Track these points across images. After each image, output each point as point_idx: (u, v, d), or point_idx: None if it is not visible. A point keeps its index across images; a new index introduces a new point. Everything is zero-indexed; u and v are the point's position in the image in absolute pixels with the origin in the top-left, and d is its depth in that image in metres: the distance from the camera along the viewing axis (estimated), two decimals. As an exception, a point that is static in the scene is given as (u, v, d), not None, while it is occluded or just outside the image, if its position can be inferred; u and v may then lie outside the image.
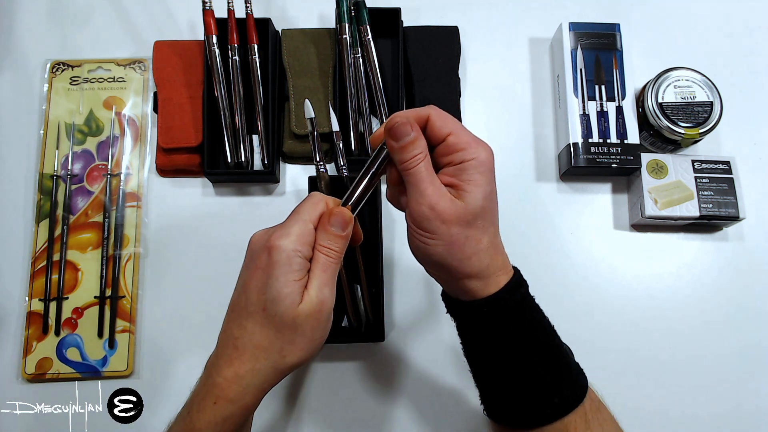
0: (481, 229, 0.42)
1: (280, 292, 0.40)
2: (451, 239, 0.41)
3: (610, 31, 0.65)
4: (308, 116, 0.54)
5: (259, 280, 0.41)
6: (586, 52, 0.65)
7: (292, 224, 0.42)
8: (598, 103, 0.63)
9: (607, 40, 0.65)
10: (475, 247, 0.42)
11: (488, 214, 0.42)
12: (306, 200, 0.44)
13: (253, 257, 0.42)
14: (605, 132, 0.63)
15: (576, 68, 0.64)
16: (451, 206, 0.41)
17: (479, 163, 0.41)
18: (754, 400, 0.61)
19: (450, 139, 0.42)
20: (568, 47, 0.65)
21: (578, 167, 0.62)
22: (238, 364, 0.41)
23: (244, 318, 0.42)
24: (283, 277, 0.40)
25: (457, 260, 0.42)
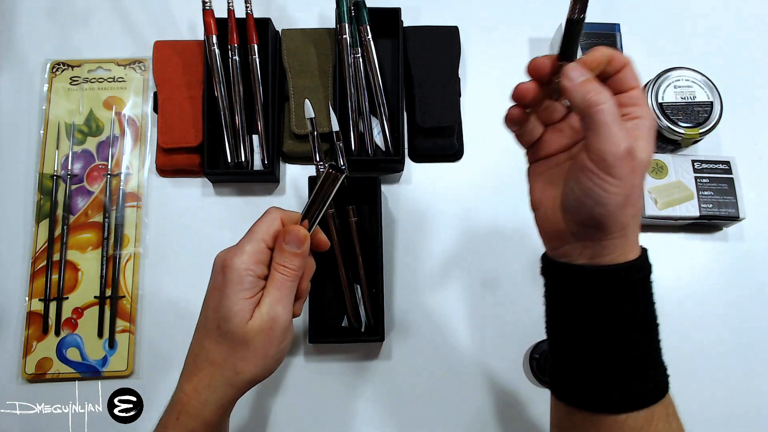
0: (640, 187, 0.40)
1: (230, 310, 0.42)
2: (632, 188, 0.38)
3: (610, 31, 0.65)
4: (308, 116, 0.54)
5: (215, 299, 0.43)
6: (586, 52, 0.65)
7: (245, 243, 0.43)
8: None
9: (607, 40, 0.65)
10: (638, 203, 0.40)
11: (644, 174, 0.40)
12: (262, 218, 0.45)
13: (213, 276, 0.44)
14: None
15: None
16: (642, 154, 0.39)
17: (649, 120, 0.40)
18: (754, 399, 0.61)
19: (633, 92, 0.41)
20: None
21: None
22: (197, 380, 0.43)
23: (203, 336, 0.43)
24: (234, 296, 0.42)
25: (624, 214, 0.39)
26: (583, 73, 0.40)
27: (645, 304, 0.42)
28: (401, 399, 0.61)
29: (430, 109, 0.64)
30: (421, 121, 0.64)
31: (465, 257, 0.64)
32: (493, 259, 0.64)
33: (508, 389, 0.61)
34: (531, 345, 0.61)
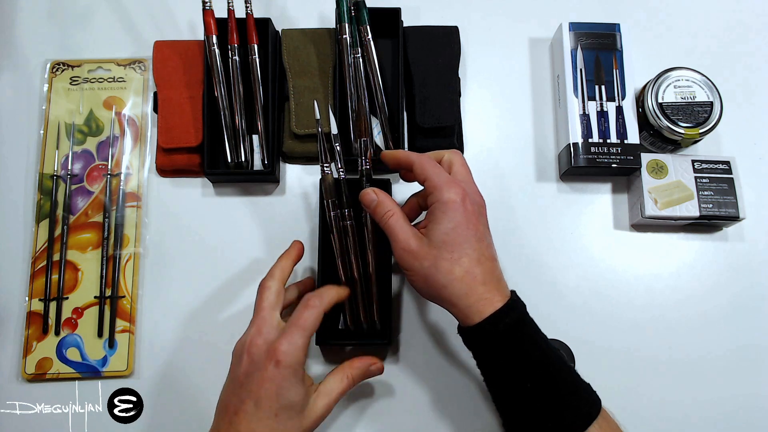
0: (449, 260, 0.48)
1: (300, 401, 0.48)
2: (424, 272, 0.48)
3: (610, 31, 0.65)
4: (316, 117, 0.55)
5: (270, 388, 0.47)
6: (586, 52, 0.65)
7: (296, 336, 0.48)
8: (598, 103, 0.63)
9: (607, 40, 0.65)
10: (447, 278, 0.47)
11: (455, 247, 0.48)
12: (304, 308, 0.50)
13: (258, 366, 0.48)
14: (605, 132, 0.63)
15: (576, 68, 0.64)
16: (418, 243, 0.49)
17: (442, 203, 0.48)
18: (753, 399, 0.61)
19: (426, 184, 0.51)
20: (568, 47, 0.65)
21: (578, 167, 0.62)
22: None
23: (255, 422, 0.47)
24: (295, 387, 0.48)
25: (434, 290, 0.48)
26: (373, 198, 0.52)
27: (518, 351, 0.47)
28: (407, 404, 0.61)
29: (430, 109, 0.64)
30: (421, 121, 0.64)
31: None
32: (493, 259, 0.64)
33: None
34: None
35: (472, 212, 0.49)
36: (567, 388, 0.47)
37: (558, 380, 0.47)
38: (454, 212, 0.48)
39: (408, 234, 0.49)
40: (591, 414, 0.46)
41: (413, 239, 0.49)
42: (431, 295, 0.49)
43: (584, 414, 0.46)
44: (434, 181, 0.50)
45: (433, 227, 0.49)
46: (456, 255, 0.48)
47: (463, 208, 0.48)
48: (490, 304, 0.47)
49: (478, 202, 0.51)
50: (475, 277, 0.47)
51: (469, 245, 0.48)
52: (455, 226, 0.48)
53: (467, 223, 0.48)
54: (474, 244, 0.48)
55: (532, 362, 0.47)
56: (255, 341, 0.48)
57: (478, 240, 0.49)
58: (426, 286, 0.49)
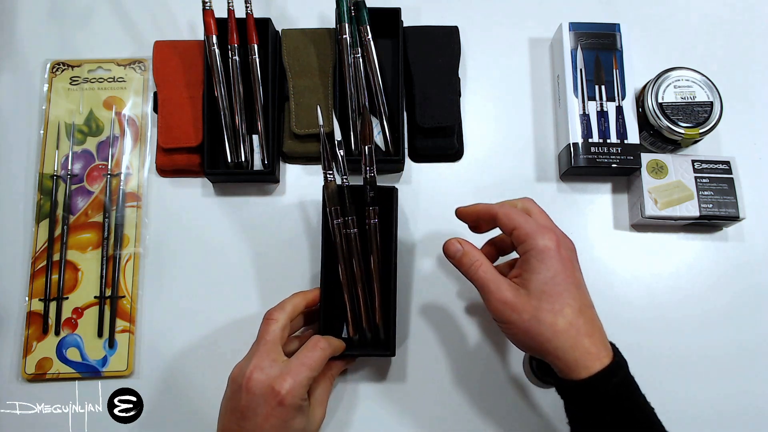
0: (552, 312, 0.45)
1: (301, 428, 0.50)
2: (525, 325, 0.46)
3: (610, 31, 0.65)
4: (318, 123, 0.54)
5: (275, 423, 0.48)
6: (586, 52, 0.65)
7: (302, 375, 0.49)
8: (598, 103, 0.63)
9: (607, 40, 0.65)
10: (550, 330, 0.45)
11: (556, 297, 0.46)
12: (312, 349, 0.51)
13: (260, 402, 0.48)
14: (605, 132, 0.63)
15: (576, 68, 0.64)
16: (515, 294, 0.47)
17: (538, 251, 0.47)
18: (753, 399, 0.61)
19: (514, 233, 0.48)
20: (568, 47, 0.65)
21: (578, 167, 0.62)
22: None
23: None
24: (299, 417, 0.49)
25: (536, 343, 0.46)
26: (458, 249, 0.51)
27: (625, 412, 0.45)
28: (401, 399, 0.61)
29: (430, 109, 0.64)
30: (421, 121, 0.64)
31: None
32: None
33: (508, 389, 0.61)
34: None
35: (568, 258, 0.47)
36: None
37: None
38: (551, 260, 0.46)
39: (502, 285, 0.47)
40: None
41: (509, 290, 0.47)
42: (531, 347, 0.47)
43: None
44: (525, 228, 0.47)
45: (530, 277, 0.47)
46: (558, 306, 0.46)
47: (559, 255, 0.47)
48: (597, 360, 0.45)
49: (570, 247, 0.49)
50: (579, 329, 0.45)
51: (570, 294, 0.46)
52: (554, 275, 0.46)
53: (565, 270, 0.46)
54: (574, 293, 0.46)
55: (637, 426, 0.45)
56: (255, 376, 0.48)
57: (577, 287, 0.47)
58: (527, 338, 0.46)
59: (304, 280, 0.63)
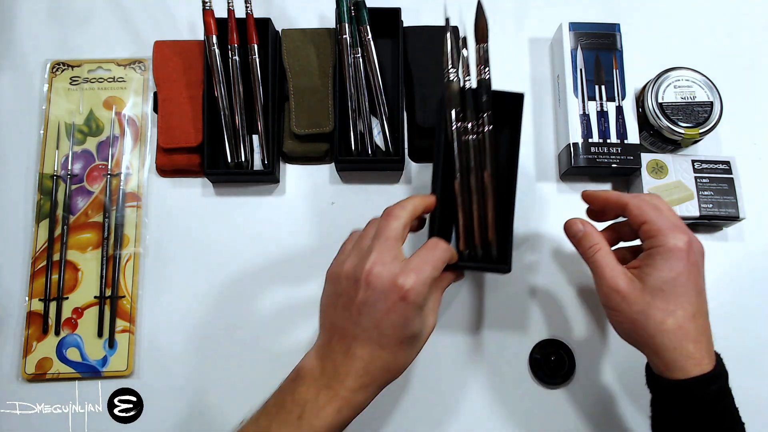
0: (663, 311, 0.46)
1: (420, 329, 0.47)
2: (632, 317, 0.47)
3: (610, 31, 0.65)
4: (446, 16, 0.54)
5: (396, 320, 0.45)
6: (586, 52, 0.65)
7: (426, 274, 0.46)
8: (598, 103, 0.63)
9: (607, 40, 0.65)
10: (657, 328, 0.46)
11: (672, 298, 0.46)
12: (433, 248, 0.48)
13: (380, 297, 0.45)
14: (605, 132, 0.63)
15: (576, 68, 0.64)
16: (628, 285, 0.47)
17: (666, 250, 0.47)
18: (753, 399, 0.61)
19: (644, 227, 0.48)
20: (568, 47, 0.65)
21: (578, 167, 0.62)
22: (368, 381, 0.46)
23: (378, 349, 0.46)
24: (419, 318, 0.47)
25: (639, 336, 0.47)
26: (579, 229, 0.51)
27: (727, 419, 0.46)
28: (401, 399, 0.61)
29: (430, 109, 0.64)
30: (421, 121, 0.64)
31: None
32: (493, 259, 0.64)
33: (508, 389, 0.61)
34: (531, 345, 0.61)
35: (694, 263, 0.47)
36: None
37: None
38: (677, 261, 0.46)
39: (617, 272, 0.48)
40: None
41: (623, 279, 0.47)
42: (633, 339, 0.48)
43: None
44: (657, 224, 0.47)
45: (650, 272, 0.47)
46: (671, 307, 0.46)
47: (687, 259, 0.46)
48: (697, 365, 0.45)
49: (700, 251, 0.48)
50: (687, 333, 0.46)
51: (687, 299, 0.46)
52: (676, 276, 0.46)
53: (689, 274, 0.46)
54: (693, 298, 0.47)
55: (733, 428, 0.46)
56: (377, 270, 0.45)
57: (697, 294, 0.47)
58: (631, 330, 0.47)
59: (305, 280, 0.63)
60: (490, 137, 0.53)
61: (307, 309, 0.62)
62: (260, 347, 0.61)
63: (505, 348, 0.62)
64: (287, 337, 0.55)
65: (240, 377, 0.56)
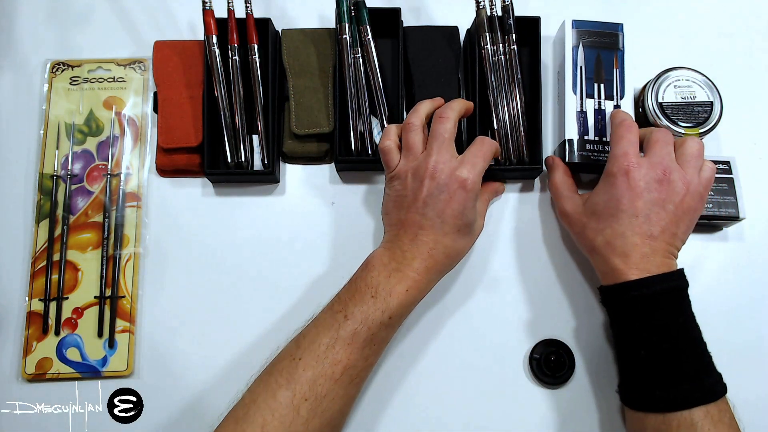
0: (594, 230, 0.55)
1: (474, 218, 0.55)
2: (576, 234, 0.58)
3: (613, 31, 0.65)
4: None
5: (456, 207, 0.53)
6: (588, 50, 0.65)
7: (479, 166, 0.54)
8: (596, 101, 0.63)
9: (610, 39, 0.65)
10: (590, 244, 0.55)
11: (602, 218, 0.54)
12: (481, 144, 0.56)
13: (443, 189, 0.53)
14: (602, 130, 0.63)
15: (576, 65, 0.64)
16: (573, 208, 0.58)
17: (605, 175, 0.55)
18: (753, 399, 0.61)
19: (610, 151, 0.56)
20: (570, 44, 0.65)
21: (573, 163, 0.62)
22: (432, 264, 0.54)
23: (441, 236, 0.54)
24: (473, 208, 0.54)
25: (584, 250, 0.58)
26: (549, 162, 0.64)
27: (656, 316, 0.51)
28: (400, 399, 0.61)
29: (430, 109, 0.64)
30: (421, 121, 0.64)
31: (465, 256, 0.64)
32: (493, 258, 0.64)
33: (508, 389, 0.61)
34: (531, 345, 0.61)
35: (636, 188, 0.52)
36: (706, 360, 0.52)
37: (705, 351, 0.52)
38: (611, 186, 0.53)
39: (565, 197, 0.59)
40: (719, 390, 0.50)
41: (569, 204, 0.58)
42: (584, 253, 0.58)
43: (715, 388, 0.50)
44: (613, 150, 0.54)
45: (591, 197, 0.56)
46: (601, 226, 0.54)
47: (625, 184, 0.52)
48: (621, 275, 0.52)
49: (653, 178, 0.52)
50: (614, 249, 0.53)
51: (616, 219, 0.53)
52: (609, 199, 0.53)
53: (622, 198, 0.52)
54: (623, 219, 0.52)
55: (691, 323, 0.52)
56: (440, 167, 0.53)
57: (630, 216, 0.52)
58: (580, 245, 0.58)
59: (305, 280, 0.63)
60: (515, 56, 0.62)
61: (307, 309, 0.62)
62: (261, 347, 0.61)
63: (505, 348, 0.62)
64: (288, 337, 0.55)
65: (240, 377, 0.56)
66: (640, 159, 0.53)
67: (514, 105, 0.63)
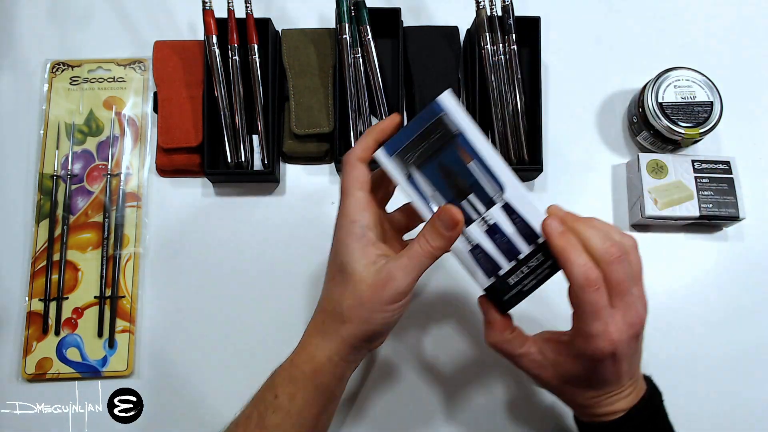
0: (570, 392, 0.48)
1: (350, 255, 0.43)
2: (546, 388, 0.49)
3: (432, 116, 0.45)
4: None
5: (332, 249, 0.45)
6: (425, 168, 0.45)
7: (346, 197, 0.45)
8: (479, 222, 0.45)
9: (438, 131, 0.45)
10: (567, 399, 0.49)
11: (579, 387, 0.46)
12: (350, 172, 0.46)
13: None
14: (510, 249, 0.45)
15: (425, 199, 0.45)
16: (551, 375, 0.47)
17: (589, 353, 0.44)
18: (753, 399, 0.61)
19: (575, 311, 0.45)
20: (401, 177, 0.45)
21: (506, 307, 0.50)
22: (313, 325, 0.46)
23: (326, 283, 0.46)
24: (353, 248, 0.43)
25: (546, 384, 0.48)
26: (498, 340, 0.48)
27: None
28: (400, 399, 0.61)
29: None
30: (421, 121, 0.64)
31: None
32: (493, 259, 0.64)
33: (507, 389, 0.61)
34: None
35: (623, 361, 0.43)
36: None
37: None
38: (592, 369, 0.44)
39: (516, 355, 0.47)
40: None
41: (523, 360, 0.47)
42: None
43: None
44: (584, 325, 0.42)
45: (563, 367, 0.45)
46: (580, 390, 0.46)
47: (611, 366, 0.43)
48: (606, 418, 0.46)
49: (635, 335, 0.43)
50: (599, 402, 0.46)
51: (601, 387, 0.45)
52: (590, 377, 0.45)
53: (607, 375, 0.44)
54: (608, 387, 0.45)
55: None
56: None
57: (615, 382, 0.45)
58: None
59: (304, 280, 0.63)
60: (515, 56, 0.62)
61: (307, 308, 0.62)
62: (260, 347, 0.61)
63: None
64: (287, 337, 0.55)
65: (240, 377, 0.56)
66: (619, 324, 0.42)
67: (514, 105, 0.63)
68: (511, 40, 0.62)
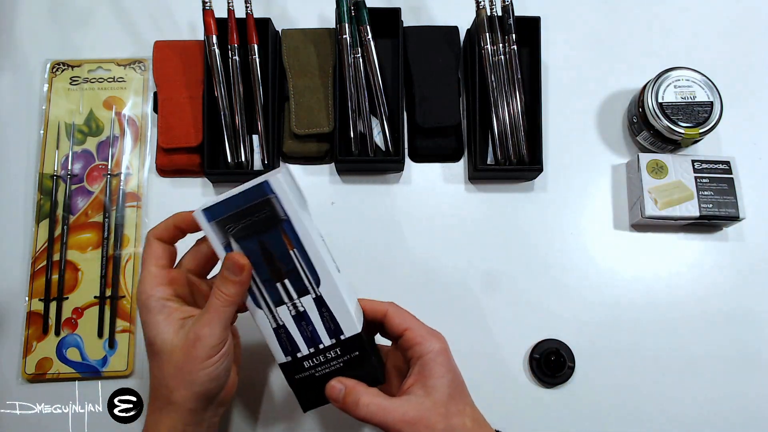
0: (460, 414, 0.45)
1: (152, 332, 0.45)
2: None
3: (260, 198, 0.44)
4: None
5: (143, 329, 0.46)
6: (244, 242, 0.45)
7: (141, 273, 0.46)
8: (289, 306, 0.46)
9: (263, 212, 0.45)
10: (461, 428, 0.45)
11: (459, 397, 0.46)
12: (146, 249, 0.48)
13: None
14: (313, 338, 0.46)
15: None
16: (420, 410, 0.44)
17: (435, 354, 0.46)
18: (753, 400, 0.61)
19: (407, 334, 0.47)
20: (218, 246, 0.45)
21: (306, 384, 0.48)
22: (150, 409, 0.46)
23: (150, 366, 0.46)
24: (151, 319, 0.45)
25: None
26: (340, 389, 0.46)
27: None
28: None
29: (430, 109, 0.64)
30: (421, 121, 0.64)
31: (465, 257, 0.64)
32: (493, 258, 0.64)
33: (508, 389, 0.61)
34: (531, 345, 0.62)
35: (450, 355, 0.47)
36: None
37: None
38: (448, 362, 0.46)
39: (397, 406, 0.44)
40: None
41: (409, 407, 0.44)
42: None
43: None
44: (419, 331, 0.47)
45: (435, 382, 0.45)
46: (461, 405, 0.46)
47: (450, 356, 0.47)
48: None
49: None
50: (480, 422, 0.47)
51: (464, 390, 0.47)
52: (454, 376, 0.46)
53: (455, 368, 0.47)
54: (466, 389, 0.48)
55: None
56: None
57: (464, 384, 0.48)
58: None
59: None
60: (515, 56, 0.62)
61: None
62: (259, 347, 0.61)
63: (504, 348, 0.62)
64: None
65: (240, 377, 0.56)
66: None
67: (514, 105, 0.63)
68: (511, 40, 0.62)
